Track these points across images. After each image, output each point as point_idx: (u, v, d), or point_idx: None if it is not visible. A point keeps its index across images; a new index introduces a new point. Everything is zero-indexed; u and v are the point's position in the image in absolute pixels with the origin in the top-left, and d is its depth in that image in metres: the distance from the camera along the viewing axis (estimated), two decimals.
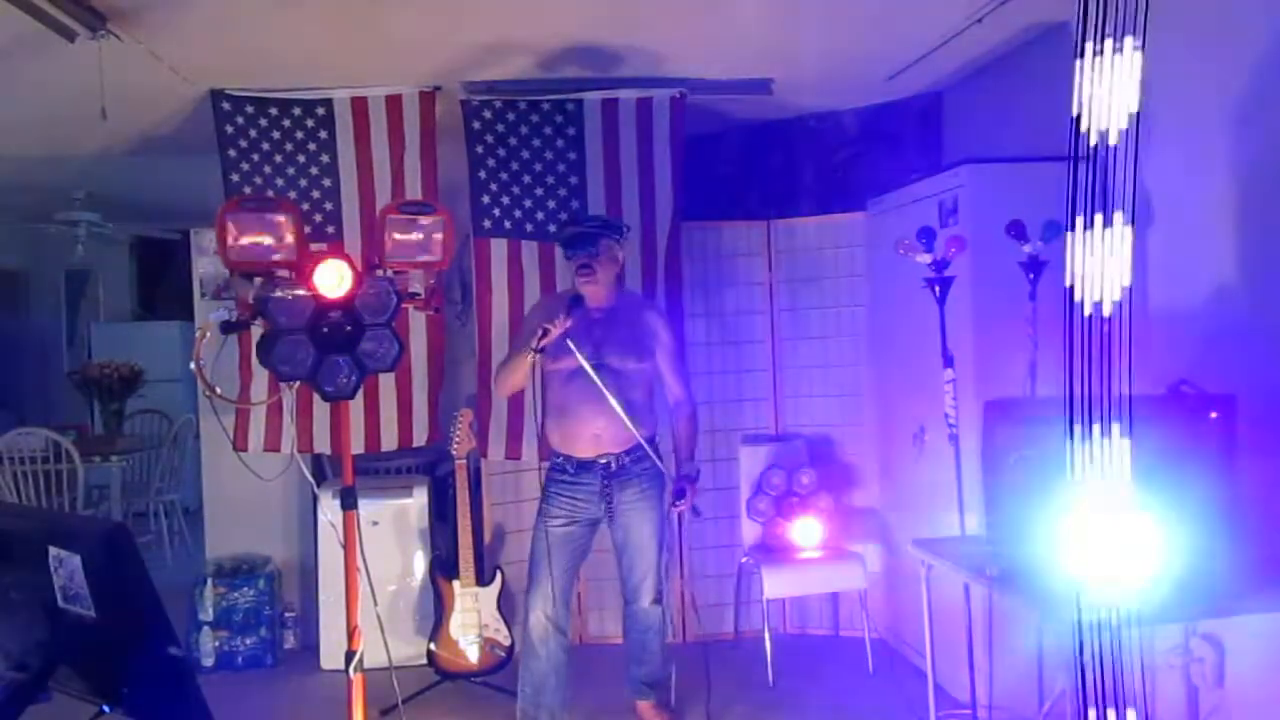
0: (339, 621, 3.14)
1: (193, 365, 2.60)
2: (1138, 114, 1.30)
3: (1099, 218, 1.29)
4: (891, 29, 3.71)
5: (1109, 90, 1.33)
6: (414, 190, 4.10)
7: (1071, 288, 1.43)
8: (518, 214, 4.16)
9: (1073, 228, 1.33)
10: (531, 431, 4.10)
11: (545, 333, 3.10)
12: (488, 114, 4.12)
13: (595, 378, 3.16)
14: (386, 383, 4.10)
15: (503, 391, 3.46)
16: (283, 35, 3.56)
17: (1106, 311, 1.34)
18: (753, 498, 4.33)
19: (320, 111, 4.11)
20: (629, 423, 3.18)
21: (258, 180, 4.07)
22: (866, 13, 3.53)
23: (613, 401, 3.16)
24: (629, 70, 4.04)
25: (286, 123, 4.09)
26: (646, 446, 3.29)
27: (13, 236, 7.90)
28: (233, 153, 4.05)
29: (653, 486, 3.37)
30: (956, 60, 4.10)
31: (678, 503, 3.28)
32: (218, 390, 2.69)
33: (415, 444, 4.24)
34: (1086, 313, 1.39)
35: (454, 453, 3.96)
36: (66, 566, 1.36)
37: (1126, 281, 1.30)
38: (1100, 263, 1.32)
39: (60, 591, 1.38)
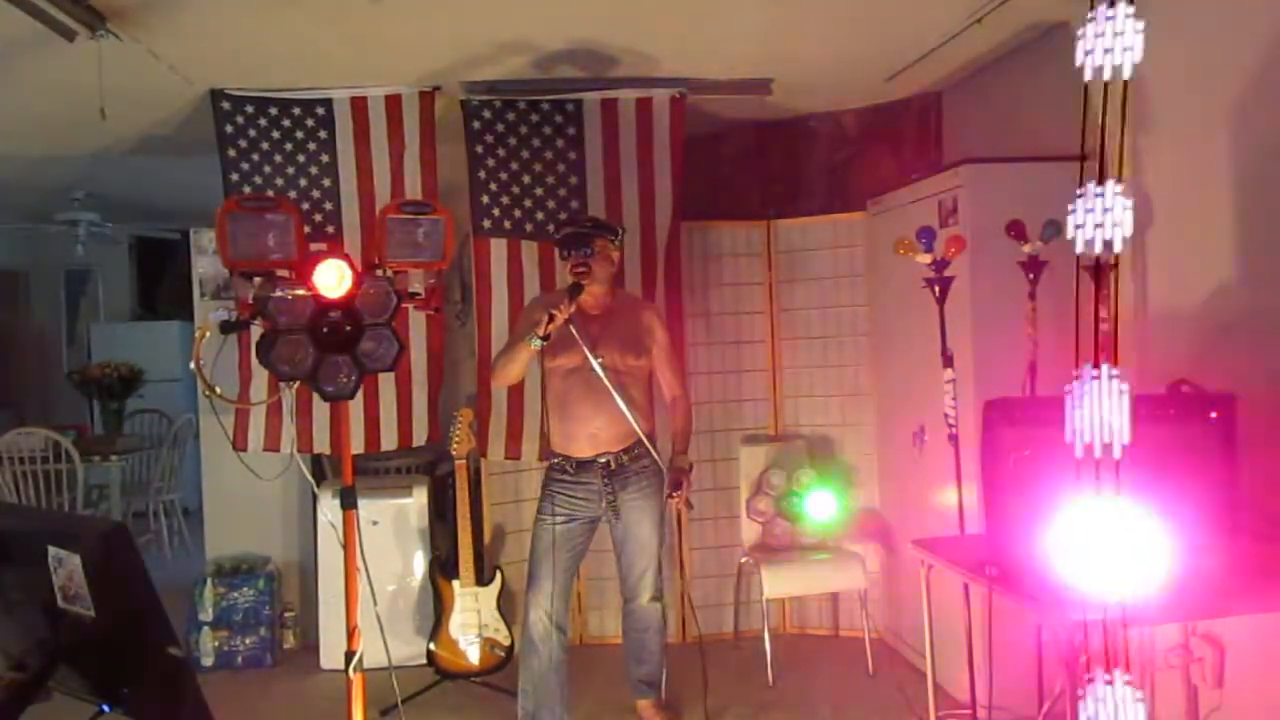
0: (339, 621, 3.14)
1: (193, 365, 2.60)
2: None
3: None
4: (891, 29, 3.71)
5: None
6: (414, 190, 4.10)
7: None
8: (517, 214, 4.16)
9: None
10: (532, 431, 4.11)
11: (552, 318, 3.11)
12: (488, 114, 4.12)
13: (598, 368, 3.17)
14: (386, 383, 4.10)
15: (499, 381, 3.47)
16: (283, 35, 3.56)
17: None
18: (753, 498, 4.33)
19: (320, 111, 4.11)
20: (630, 416, 3.20)
21: (258, 180, 4.07)
22: (866, 13, 3.53)
23: (615, 396, 3.17)
24: (629, 70, 4.04)
25: (286, 123, 4.09)
26: (646, 441, 3.30)
27: (13, 236, 7.91)
28: (233, 152, 4.06)
29: (652, 484, 3.38)
30: (956, 60, 4.10)
31: (675, 494, 3.29)
32: (218, 390, 2.69)
33: (415, 444, 4.24)
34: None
35: (454, 453, 3.96)
36: (66, 566, 1.36)
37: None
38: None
39: (60, 591, 1.38)
